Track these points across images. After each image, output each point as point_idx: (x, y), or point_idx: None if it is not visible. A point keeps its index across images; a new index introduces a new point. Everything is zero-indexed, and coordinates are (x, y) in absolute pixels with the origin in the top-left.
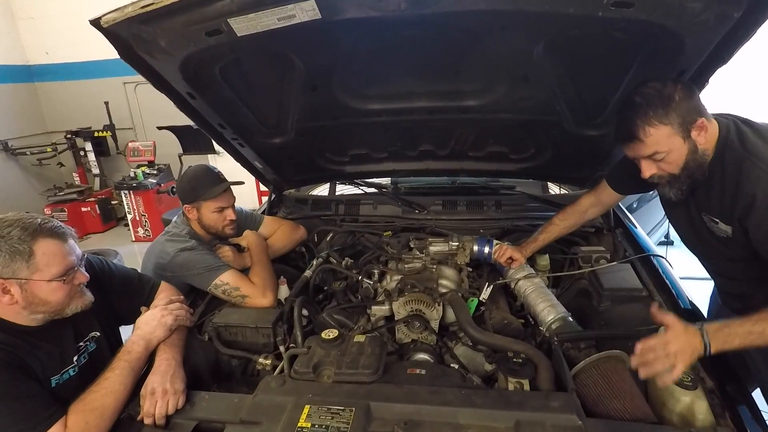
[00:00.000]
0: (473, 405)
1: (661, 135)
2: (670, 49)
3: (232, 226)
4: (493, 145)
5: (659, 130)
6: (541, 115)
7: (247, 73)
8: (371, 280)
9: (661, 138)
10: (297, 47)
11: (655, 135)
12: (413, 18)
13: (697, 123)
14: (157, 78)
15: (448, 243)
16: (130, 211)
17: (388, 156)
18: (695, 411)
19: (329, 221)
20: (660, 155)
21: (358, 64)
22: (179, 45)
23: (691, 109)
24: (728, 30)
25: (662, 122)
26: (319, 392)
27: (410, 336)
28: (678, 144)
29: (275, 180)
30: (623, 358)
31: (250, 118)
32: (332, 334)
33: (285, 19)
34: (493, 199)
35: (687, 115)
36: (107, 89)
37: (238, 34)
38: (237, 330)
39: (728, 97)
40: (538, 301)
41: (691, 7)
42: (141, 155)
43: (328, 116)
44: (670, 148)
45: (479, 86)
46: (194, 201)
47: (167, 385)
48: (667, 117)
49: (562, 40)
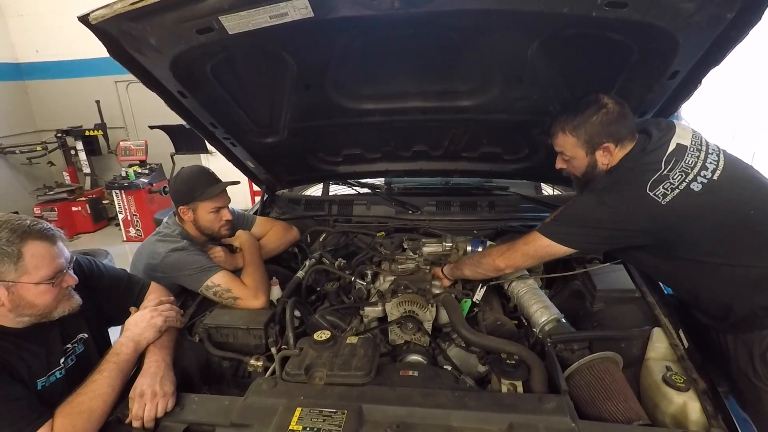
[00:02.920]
0: (466, 407)
1: (566, 142)
2: (663, 50)
3: (228, 227)
4: (487, 145)
5: (567, 138)
6: (535, 115)
7: (239, 72)
8: (364, 281)
9: (567, 144)
10: (289, 46)
11: (562, 140)
12: (407, 17)
13: (603, 146)
14: (148, 76)
15: (442, 244)
16: (121, 210)
17: (382, 156)
18: (688, 412)
19: (322, 222)
20: (566, 156)
21: (352, 63)
22: (170, 43)
23: (603, 134)
24: (721, 31)
25: (571, 134)
26: (310, 394)
27: (403, 337)
28: (581, 155)
29: (268, 180)
30: (616, 359)
31: (242, 118)
32: (324, 335)
33: (277, 17)
34: (486, 199)
35: (596, 137)
36: (99, 88)
37: (229, 32)
38: (228, 331)
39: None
40: (532, 303)
41: (685, 8)
42: (132, 154)
43: (322, 116)
44: (573, 155)
45: (473, 86)
46: (190, 202)
47: (156, 388)
48: (576, 132)
49: (556, 41)
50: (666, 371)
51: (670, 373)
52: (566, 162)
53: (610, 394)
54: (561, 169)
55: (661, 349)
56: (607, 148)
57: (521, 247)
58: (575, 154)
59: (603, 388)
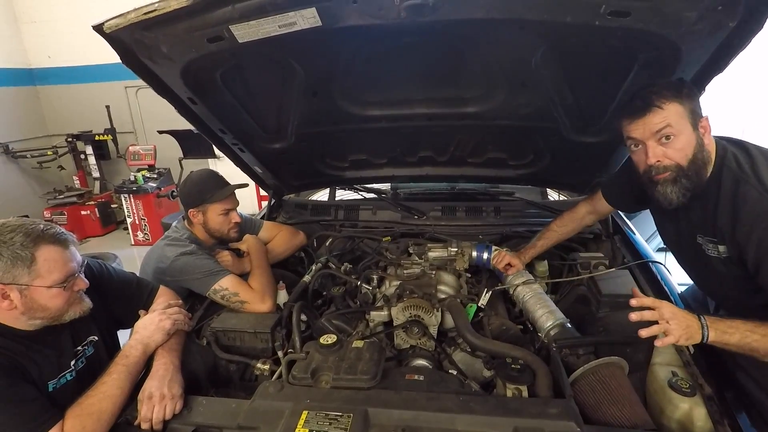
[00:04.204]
0: (471, 411)
1: (673, 110)
2: (666, 58)
3: (237, 229)
4: (492, 151)
5: (673, 104)
6: (539, 121)
7: (248, 79)
8: (370, 286)
9: (673, 114)
10: (297, 54)
11: (669, 108)
12: (413, 26)
13: (702, 120)
14: (159, 83)
15: (447, 249)
16: (129, 214)
17: (388, 162)
18: (694, 418)
19: (328, 226)
20: (670, 133)
21: (358, 70)
22: (181, 51)
23: (698, 106)
24: (724, 39)
25: (675, 99)
26: (317, 398)
27: (409, 342)
28: (688, 130)
29: (275, 185)
30: (621, 364)
31: (251, 124)
32: (330, 339)
33: (286, 26)
34: (492, 205)
35: (696, 107)
36: (109, 93)
37: (239, 40)
38: (235, 335)
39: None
40: (537, 307)
41: (687, 16)
42: (141, 159)
43: (329, 122)
44: (680, 130)
45: (478, 93)
46: (201, 204)
47: (165, 390)
48: (680, 98)
49: (560, 48)
50: (672, 376)
51: (675, 378)
52: (666, 148)
53: (615, 399)
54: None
55: (667, 355)
56: (706, 124)
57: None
58: (682, 128)
59: (608, 393)
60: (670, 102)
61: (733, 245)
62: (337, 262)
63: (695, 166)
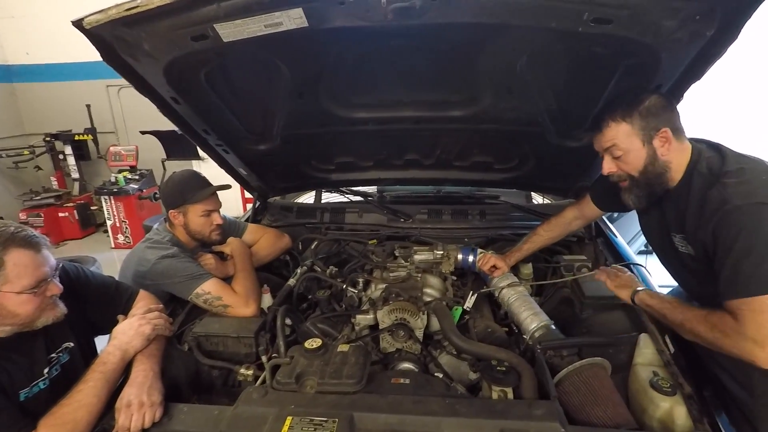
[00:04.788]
0: (457, 414)
1: (619, 131)
2: (647, 65)
3: (219, 231)
4: (478, 155)
5: (619, 125)
6: (524, 126)
7: (233, 79)
8: (356, 289)
9: (619, 134)
10: (283, 54)
11: (614, 129)
12: (400, 29)
13: (660, 133)
14: (141, 81)
15: (433, 252)
16: (110, 217)
17: (374, 164)
18: (674, 416)
19: (314, 229)
20: (618, 151)
21: (345, 72)
22: (164, 49)
23: (659, 119)
24: (701, 48)
25: (623, 120)
26: (301, 403)
27: (395, 345)
28: (636, 146)
29: (260, 187)
30: (605, 365)
31: (235, 125)
32: (315, 343)
33: (272, 26)
34: (477, 208)
35: (651, 123)
36: (89, 92)
37: (224, 39)
38: (218, 340)
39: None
40: (522, 310)
41: (667, 25)
42: (123, 160)
43: (315, 124)
44: (628, 147)
45: (465, 97)
46: (181, 205)
47: (144, 398)
48: (630, 117)
49: (544, 54)
50: (653, 376)
51: (657, 378)
52: (618, 161)
53: (598, 400)
54: (610, 174)
55: (648, 355)
56: (665, 136)
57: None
58: (630, 146)
59: (592, 394)
60: (618, 123)
61: (698, 243)
62: (322, 265)
63: (646, 177)
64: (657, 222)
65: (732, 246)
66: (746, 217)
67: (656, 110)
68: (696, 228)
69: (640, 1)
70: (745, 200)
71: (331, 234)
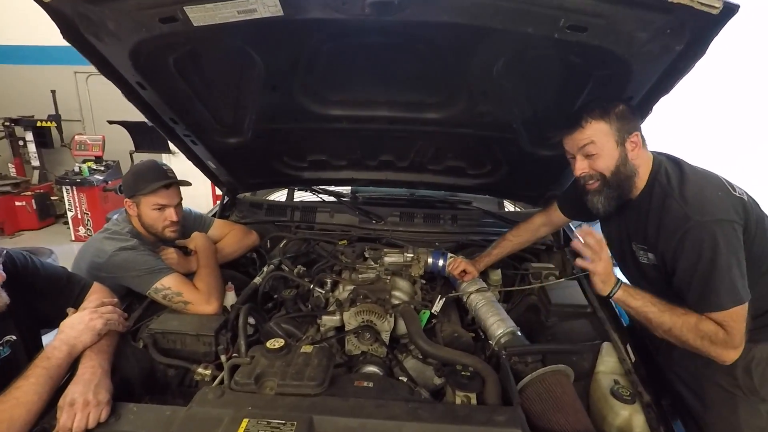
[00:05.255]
0: (419, 419)
1: (598, 128)
2: (618, 76)
3: (173, 229)
4: (452, 159)
5: (598, 123)
6: (498, 132)
7: (204, 67)
8: (323, 289)
9: (598, 132)
10: (257, 44)
11: (594, 126)
12: (377, 25)
13: (632, 136)
14: (104, 63)
15: (403, 254)
16: (71, 208)
17: (348, 164)
18: (633, 424)
19: (284, 227)
20: (593, 149)
21: (321, 67)
22: (130, 30)
23: (631, 123)
24: (671, 62)
25: (602, 118)
26: (259, 405)
27: (360, 348)
28: (611, 146)
29: (229, 182)
30: (567, 372)
31: (205, 115)
32: (278, 343)
33: (245, 12)
34: (449, 213)
35: (624, 125)
36: (55, 77)
37: (194, 23)
38: (176, 337)
39: None
40: (489, 315)
41: (639, 36)
42: (88, 149)
43: (288, 119)
44: (603, 146)
45: (440, 99)
46: (134, 195)
47: (89, 396)
48: (607, 117)
49: (521, 60)
50: (614, 384)
51: (617, 386)
52: (590, 161)
53: (560, 407)
54: (582, 175)
55: (610, 363)
56: (636, 140)
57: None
58: (605, 145)
59: (554, 401)
60: (596, 121)
61: (658, 252)
62: (290, 264)
63: (618, 178)
64: (618, 231)
65: (697, 263)
66: (707, 235)
67: (628, 117)
68: (656, 238)
69: (615, 10)
70: (705, 217)
71: (301, 233)
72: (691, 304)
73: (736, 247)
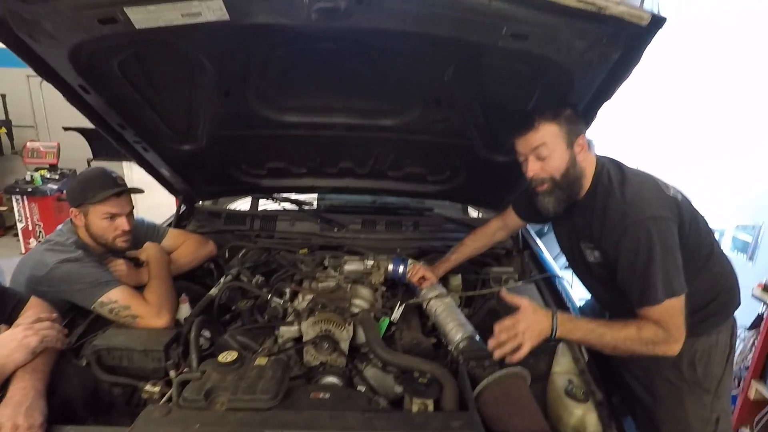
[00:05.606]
0: (374, 429)
1: (550, 130)
2: (561, 83)
3: (125, 238)
4: (411, 165)
5: (550, 125)
6: (454, 138)
7: (152, 71)
8: (281, 300)
9: (549, 133)
10: (207, 48)
11: (546, 128)
12: (327, 31)
13: (579, 139)
14: (42, 65)
15: (364, 262)
16: (21, 219)
17: (308, 171)
18: (586, 423)
19: (243, 237)
20: (545, 151)
21: (274, 73)
22: (67, 30)
23: (577, 127)
24: (610, 69)
25: (554, 121)
26: (209, 421)
27: (319, 358)
28: (561, 148)
29: (185, 190)
30: (524, 374)
31: (156, 121)
32: (231, 356)
33: (190, 15)
34: (411, 219)
35: (572, 129)
36: (6, 81)
37: (136, 26)
38: (122, 353)
39: None
40: (448, 321)
41: (578, 45)
42: (41, 157)
43: (243, 125)
44: (554, 148)
45: (395, 106)
46: (82, 204)
47: (20, 420)
48: (558, 119)
49: (470, 67)
50: (568, 384)
51: (571, 386)
52: (542, 163)
53: (516, 410)
54: (534, 177)
55: (565, 363)
56: (582, 143)
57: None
58: (556, 146)
59: (510, 404)
60: (547, 123)
61: (602, 250)
62: (249, 274)
63: (567, 180)
64: (567, 231)
65: (635, 259)
66: (643, 231)
67: (575, 120)
68: (600, 236)
69: (553, 20)
70: (641, 215)
71: (261, 242)
72: (633, 300)
73: (671, 243)
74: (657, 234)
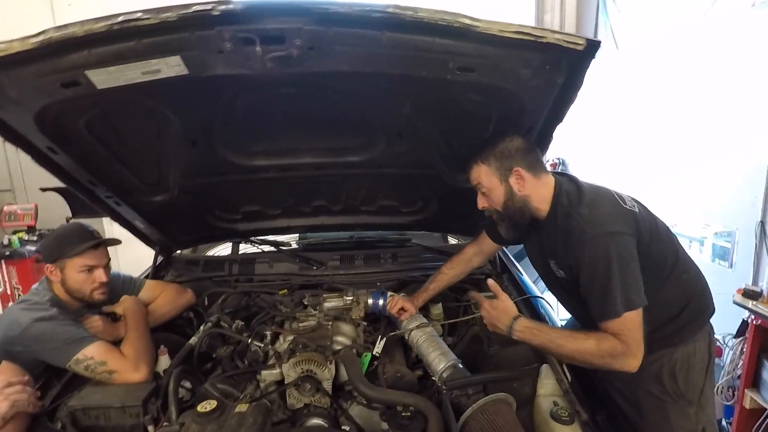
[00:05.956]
0: None
1: (480, 171)
2: (514, 110)
3: (102, 290)
4: (383, 198)
5: (479, 167)
6: (421, 169)
7: (119, 127)
8: (262, 343)
9: (481, 173)
10: (170, 102)
11: (476, 170)
12: (285, 77)
13: (514, 171)
14: (9, 131)
15: (343, 298)
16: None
17: (282, 212)
18: None
19: (222, 282)
20: (483, 188)
21: (238, 119)
22: (32, 96)
23: (513, 160)
24: (557, 93)
25: (482, 162)
26: None
27: (302, 400)
28: (495, 184)
29: (161, 240)
30: (509, 400)
31: (126, 175)
32: (209, 405)
33: (150, 73)
34: (389, 251)
35: (506, 163)
36: None
37: (98, 86)
38: (99, 412)
39: None
40: (430, 350)
41: (523, 73)
42: (19, 220)
43: (213, 173)
44: (488, 186)
45: (360, 142)
46: (58, 259)
47: None
48: (487, 159)
49: (426, 100)
50: (553, 406)
51: (556, 408)
52: (486, 197)
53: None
54: (485, 209)
55: (549, 386)
56: (519, 174)
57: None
58: (491, 183)
59: (496, 431)
60: (479, 165)
61: (566, 267)
62: (229, 320)
63: (509, 210)
64: (537, 249)
65: (594, 273)
66: (601, 246)
67: (509, 152)
68: (564, 254)
69: (496, 51)
70: (598, 230)
71: (241, 286)
72: (594, 314)
73: (628, 257)
74: (615, 248)
